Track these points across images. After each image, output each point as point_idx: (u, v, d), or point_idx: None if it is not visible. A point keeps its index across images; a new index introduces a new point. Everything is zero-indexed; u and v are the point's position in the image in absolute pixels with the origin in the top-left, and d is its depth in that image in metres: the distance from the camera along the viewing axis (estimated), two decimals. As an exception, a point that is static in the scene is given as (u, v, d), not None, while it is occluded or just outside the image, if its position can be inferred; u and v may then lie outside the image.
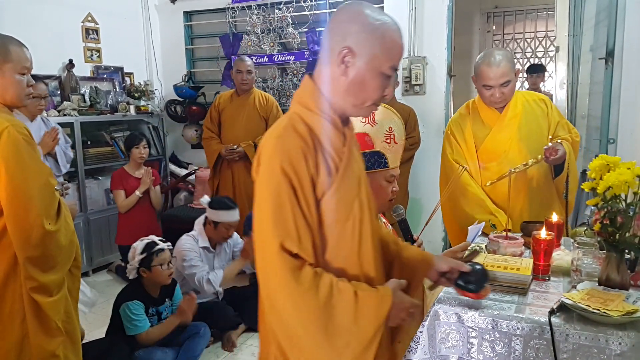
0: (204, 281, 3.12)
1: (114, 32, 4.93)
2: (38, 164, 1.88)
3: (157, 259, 2.80)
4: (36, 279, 1.83)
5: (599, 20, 3.28)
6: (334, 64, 1.21)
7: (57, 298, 1.90)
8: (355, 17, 1.19)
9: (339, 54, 1.19)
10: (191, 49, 5.52)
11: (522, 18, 5.96)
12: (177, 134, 5.51)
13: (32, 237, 1.80)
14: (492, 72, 2.31)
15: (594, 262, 1.59)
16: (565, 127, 2.47)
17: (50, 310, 1.87)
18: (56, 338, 1.91)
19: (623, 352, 1.28)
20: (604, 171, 1.50)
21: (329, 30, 1.23)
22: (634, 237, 1.47)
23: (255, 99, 4.18)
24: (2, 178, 1.76)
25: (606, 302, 1.37)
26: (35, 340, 1.87)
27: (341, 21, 1.21)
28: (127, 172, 4.12)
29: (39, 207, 1.82)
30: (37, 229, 1.81)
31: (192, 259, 3.18)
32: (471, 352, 1.45)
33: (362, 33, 1.18)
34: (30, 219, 1.79)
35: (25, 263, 1.81)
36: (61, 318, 1.93)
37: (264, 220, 1.15)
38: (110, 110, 4.70)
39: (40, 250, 1.83)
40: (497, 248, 1.88)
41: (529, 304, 1.49)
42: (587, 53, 3.59)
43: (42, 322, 1.87)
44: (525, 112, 2.44)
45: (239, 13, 5.06)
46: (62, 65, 4.42)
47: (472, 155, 2.48)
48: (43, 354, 1.89)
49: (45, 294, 1.86)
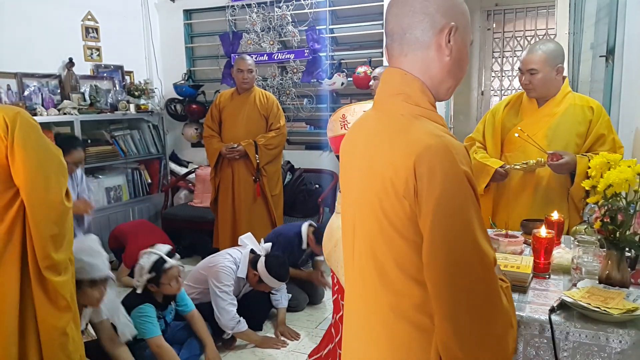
0: (228, 318, 3.03)
1: (114, 30, 4.93)
2: (51, 145, 1.96)
3: (166, 277, 2.74)
4: (52, 257, 1.88)
5: (600, 18, 3.27)
6: (435, 46, 1.09)
7: (66, 277, 1.95)
8: None
9: (442, 32, 1.08)
10: (191, 47, 5.52)
11: (522, 16, 5.95)
12: (177, 132, 5.51)
13: (53, 215, 1.87)
14: (526, 57, 2.36)
15: (595, 260, 1.59)
16: (610, 144, 2.32)
17: (61, 288, 1.92)
18: (66, 313, 1.96)
19: (623, 350, 1.28)
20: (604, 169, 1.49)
21: (414, 13, 1.09)
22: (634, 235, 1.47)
23: (256, 97, 4.18)
24: (19, 160, 1.82)
25: (607, 300, 1.37)
26: (45, 317, 1.91)
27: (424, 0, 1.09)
28: None
29: (57, 185, 1.89)
30: (57, 206, 1.88)
31: (226, 285, 3.07)
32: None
33: (454, 6, 1.10)
34: (50, 197, 1.87)
35: (46, 241, 1.87)
36: (70, 295, 1.98)
37: (471, 233, 1.00)
38: (110, 109, 4.70)
39: (59, 228, 1.90)
40: (497, 246, 1.88)
41: (529, 302, 1.49)
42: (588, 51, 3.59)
43: (51, 299, 1.92)
44: (565, 115, 2.36)
45: (239, 11, 5.06)
46: (62, 64, 4.42)
47: (497, 141, 2.52)
48: (54, 332, 1.93)
49: (55, 272, 1.91)
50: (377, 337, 1.13)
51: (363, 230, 1.13)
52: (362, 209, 1.13)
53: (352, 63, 4.65)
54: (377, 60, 4.51)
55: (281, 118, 4.23)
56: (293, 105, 4.96)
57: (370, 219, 1.09)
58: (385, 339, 1.11)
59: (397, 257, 1.06)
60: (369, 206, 1.09)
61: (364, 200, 1.11)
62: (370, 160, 1.10)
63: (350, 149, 1.21)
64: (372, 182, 1.08)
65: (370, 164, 1.10)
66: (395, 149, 1.04)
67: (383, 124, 1.11)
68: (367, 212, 1.10)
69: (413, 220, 1.01)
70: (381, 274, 1.09)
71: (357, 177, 1.15)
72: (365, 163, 1.12)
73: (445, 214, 0.98)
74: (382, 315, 1.11)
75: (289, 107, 4.93)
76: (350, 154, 1.20)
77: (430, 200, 0.98)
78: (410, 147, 1.01)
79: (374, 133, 1.12)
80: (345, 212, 1.23)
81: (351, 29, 4.72)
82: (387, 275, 1.08)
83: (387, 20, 1.16)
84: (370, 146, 1.11)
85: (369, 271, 1.12)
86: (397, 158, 1.02)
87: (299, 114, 4.97)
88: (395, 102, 1.11)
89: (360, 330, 1.19)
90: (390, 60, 1.17)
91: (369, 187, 1.09)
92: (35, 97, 4.12)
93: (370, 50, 4.66)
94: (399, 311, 1.07)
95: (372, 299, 1.13)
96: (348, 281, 1.24)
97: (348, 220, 1.21)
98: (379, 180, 1.05)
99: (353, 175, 1.18)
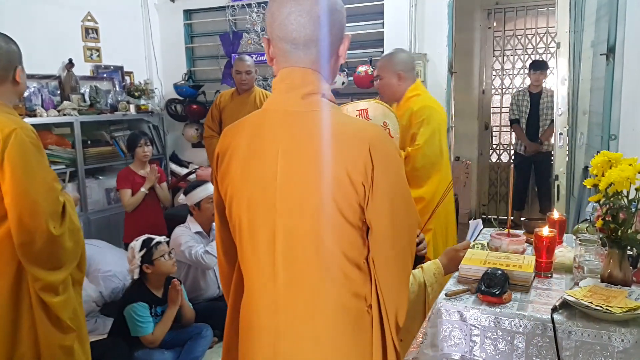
0: (203, 254, 3.14)
1: (113, 31, 4.92)
2: (44, 168, 1.86)
3: (157, 252, 2.83)
4: (41, 279, 1.83)
5: (600, 16, 3.27)
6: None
7: (64, 297, 1.91)
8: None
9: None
10: (191, 47, 5.51)
11: (522, 14, 5.95)
12: (177, 133, 5.50)
13: (37, 241, 1.79)
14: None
15: (597, 259, 1.58)
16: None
17: (59, 309, 1.88)
18: (69, 334, 1.94)
19: (626, 349, 1.28)
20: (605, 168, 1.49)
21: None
22: (636, 233, 1.46)
23: (256, 97, 4.18)
24: (7, 181, 1.76)
25: (609, 299, 1.36)
26: (49, 338, 1.89)
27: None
28: (133, 171, 4.11)
29: (44, 211, 1.80)
30: (41, 233, 1.80)
31: (187, 241, 3.22)
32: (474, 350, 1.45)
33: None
34: (35, 223, 1.78)
35: (29, 265, 1.81)
36: (70, 316, 1.95)
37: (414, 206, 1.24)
38: (110, 110, 4.69)
39: (45, 254, 1.83)
40: (499, 245, 1.87)
41: (531, 301, 1.48)
42: (588, 49, 3.58)
43: (53, 321, 1.89)
44: (402, 119, 2.70)
45: (239, 11, 5.06)
46: (61, 65, 4.41)
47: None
48: (60, 351, 1.92)
49: (51, 292, 1.87)
50: (320, 331, 1.18)
51: (301, 228, 1.15)
52: (301, 206, 1.14)
53: (352, 62, 4.64)
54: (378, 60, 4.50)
55: (281, 118, 4.22)
56: (293, 104, 4.94)
57: (314, 214, 1.13)
58: (330, 330, 1.17)
59: (345, 245, 1.14)
60: (311, 201, 1.12)
61: (304, 196, 1.13)
62: (304, 157, 1.13)
63: (252, 151, 1.18)
64: (315, 177, 1.12)
65: (307, 160, 1.13)
66: (342, 143, 1.11)
67: (310, 122, 1.15)
68: (310, 208, 1.13)
69: (361, 206, 1.12)
70: (326, 268, 1.15)
71: (288, 174, 1.15)
72: (294, 161, 1.14)
73: (402, 194, 1.16)
74: (324, 309, 1.17)
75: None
76: (258, 156, 1.17)
77: (387, 183, 1.11)
78: (362, 138, 1.11)
79: (293, 131, 1.15)
80: (254, 215, 1.19)
81: (351, 28, 4.71)
82: (331, 267, 1.15)
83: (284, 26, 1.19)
84: (302, 145, 1.14)
85: (310, 269, 1.16)
86: (348, 147, 1.10)
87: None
88: (308, 101, 1.18)
89: (290, 329, 1.19)
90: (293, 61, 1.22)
91: (312, 182, 1.12)
92: (35, 98, 4.11)
93: (371, 49, 4.66)
94: (340, 301, 1.17)
95: (310, 296, 1.17)
96: (259, 284, 1.23)
97: (263, 225, 1.18)
98: (330, 174, 1.10)
99: (271, 177, 1.16)
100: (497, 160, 6.32)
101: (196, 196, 3.32)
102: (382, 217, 1.13)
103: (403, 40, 4.40)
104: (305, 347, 1.19)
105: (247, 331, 1.28)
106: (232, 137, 1.23)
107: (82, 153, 4.31)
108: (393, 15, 4.42)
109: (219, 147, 1.25)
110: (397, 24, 4.38)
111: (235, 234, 1.26)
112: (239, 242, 1.25)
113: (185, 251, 3.14)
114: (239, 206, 1.20)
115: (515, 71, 6.13)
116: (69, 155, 4.19)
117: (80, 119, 4.29)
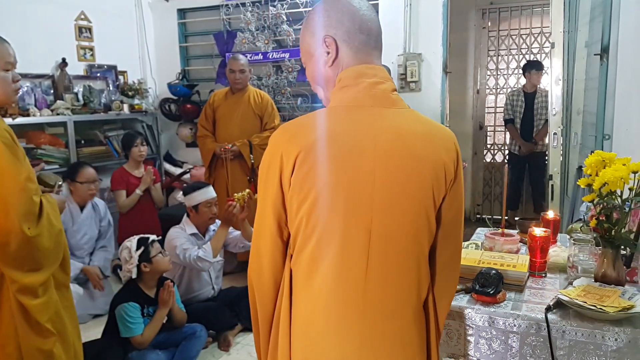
0: (196, 258, 3.10)
1: (107, 30, 4.90)
2: (15, 168, 1.78)
3: (154, 249, 2.83)
4: (18, 281, 1.78)
5: (594, 16, 3.28)
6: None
7: (44, 300, 1.85)
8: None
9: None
10: (185, 46, 5.49)
11: (517, 14, 5.96)
12: (171, 132, 5.48)
13: (11, 243, 1.74)
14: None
15: (590, 259, 1.59)
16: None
17: (37, 312, 1.82)
18: (49, 338, 1.88)
19: (619, 348, 1.28)
20: (599, 167, 1.49)
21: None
22: (629, 233, 1.47)
23: (250, 97, 4.16)
24: None
25: (602, 298, 1.37)
26: (28, 342, 1.83)
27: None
28: (127, 172, 4.11)
29: (17, 212, 1.74)
30: (15, 234, 1.74)
31: (183, 243, 3.18)
32: (468, 349, 1.45)
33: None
34: (7, 224, 1.72)
35: (5, 267, 1.77)
36: (51, 318, 1.89)
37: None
38: (104, 109, 4.67)
39: (20, 255, 1.77)
40: (494, 245, 1.87)
41: (525, 300, 1.48)
42: (583, 49, 3.59)
43: (32, 324, 1.83)
44: None
45: (233, 10, 5.04)
46: (55, 64, 4.39)
47: None
48: (39, 354, 1.86)
49: (29, 295, 1.81)
50: (404, 330, 1.18)
51: (400, 226, 1.14)
52: (401, 204, 1.13)
53: (347, 62, 4.63)
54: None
55: (276, 117, 4.22)
56: (288, 104, 4.94)
57: (417, 209, 1.15)
58: (411, 328, 1.19)
59: (431, 241, 1.20)
60: (413, 199, 1.14)
61: (405, 194, 1.14)
62: (404, 155, 1.14)
63: (345, 151, 1.14)
64: (417, 174, 1.14)
65: (407, 157, 1.14)
66: (436, 140, 1.17)
67: (402, 118, 1.17)
68: (412, 206, 1.14)
69: (443, 199, 1.18)
70: (417, 266, 1.18)
71: (386, 173, 1.13)
72: (393, 159, 1.13)
73: (462, 191, 1.23)
74: (408, 308, 1.18)
75: (284, 106, 4.92)
76: (352, 155, 1.14)
77: (460, 182, 1.20)
78: (447, 136, 1.19)
79: (390, 128, 1.15)
80: (351, 214, 1.14)
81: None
82: (421, 265, 1.18)
83: (371, 21, 1.22)
84: (400, 141, 1.14)
85: (403, 268, 1.16)
86: (443, 147, 1.16)
87: (294, 114, 4.95)
88: (395, 98, 1.19)
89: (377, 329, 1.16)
90: (369, 58, 1.22)
91: (413, 180, 1.14)
92: (28, 98, 4.09)
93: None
94: (419, 299, 1.20)
95: (399, 296, 1.16)
96: (344, 287, 1.16)
97: (357, 225, 1.14)
98: (429, 170, 1.14)
99: (369, 176, 1.13)
100: (492, 160, 6.33)
101: (195, 199, 3.29)
102: (457, 210, 1.21)
103: (398, 39, 4.40)
104: (389, 347, 1.17)
105: (316, 338, 1.18)
106: (306, 137, 1.14)
107: (75, 153, 4.29)
108: (387, 15, 4.42)
109: (290, 148, 1.13)
110: (392, 23, 4.38)
111: (309, 238, 1.15)
112: (315, 247, 1.15)
113: (180, 254, 3.12)
114: (328, 208, 1.13)
115: (509, 71, 6.14)
116: (62, 155, 4.17)
117: (74, 118, 4.27)
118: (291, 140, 1.15)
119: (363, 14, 1.19)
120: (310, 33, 1.23)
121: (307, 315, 1.19)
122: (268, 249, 1.21)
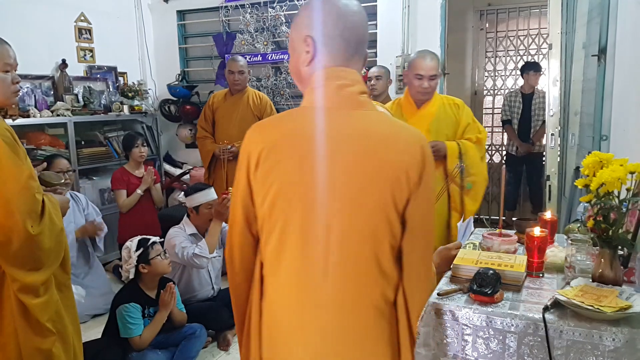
0: (192, 255, 3.11)
1: (107, 31, 4.91)
2: (17, 166, 1.78)
3: (154, 251, 2.83)
4: (19, 279, 1.78)
5: (592, 18, 3.29)
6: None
7: (44, 299, 1.85)
8: None
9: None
10: (185, 48, 5.50)
11: (515, 15, 5.97)
12: (171, 133, 5.49)
13: (14, 241, 1.74)
14: (427, 64, 2.74)
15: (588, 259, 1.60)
16: (475, 129, 2.93)
17: (38, 312, 1.82)
18: (48, 338, 1.88)
19: (617, 348, 1.29)
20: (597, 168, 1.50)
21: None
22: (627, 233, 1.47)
23: (249, 98, 4.17)
24: None
25: (600, 298, 1.37)
26: (27, 341, 1.83)
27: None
28: (128, 172, 4.12)
29: (20, 210, 1.74)
30: (18, 232, 1.74)
31: (182, 241, 3.19)
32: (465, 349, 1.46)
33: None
34: (10, 222, 1.72)
35: (7, 266, 1.77)
36: (52, 318, 1.90)
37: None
38: (104, 110, 4.68)
39: (22, 254, 1.77)
40: (491, 245, 1.88)
41: (522, 300, 1.49)
42: (580, 50, 3.60)
43: (32, 324, 1.83)
44: (439, 113, 2.88)
45: (233, 12, 5.06)
46: (55, 66, 4.40)
47: None
48: (38, 353, 1.87)
49: (30, 294, 1.81)
50: (363, 327, 1.21)
51: (359, 225, 1.17)
52: (360, 203, 1.16)
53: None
54: (371, 60, 4.52)
55: (275, 118, 4.22)
56: (287, 105, 4.95)
57: (373, 211, 1.16)
58: (371, 326, 1.21)
59: (392, 242, 1.19)
60: (371, 199, 1.16)
61: (364, 194, 1.16)
62: (365, 155, 1.16)
63: (306, 149, 1.18)
64: (376, 174, 1.15)
65: (368, 158, 1.16)
66: (399, 143, 1.17)
67: (367, 120, 1.20)
68: (369, 205, 1.16)
69: (408, 201, 1.18)
70: (377, 264, 1.19)
71: (346, 172, 1.16)
72: (354, 159, 1.16)
73: (431, 195, 1.24)
74: (369, 305, 1.20)
75: (283, 107, 4.93)
76: (313, 154, 1.17)
77: (427, 186, 1.19)
78: (415, 140, 1.18)
79: (353, 129, 1.18)
80: (310, 210, 1.18)
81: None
82: (382, 263, 1.19)
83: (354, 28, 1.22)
84: (363, 142, 1.17)
85: (363, 265, 1.18)
86: (406, 151, 1.17)
87: (293, 115, 4.96)
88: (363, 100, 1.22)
89: (337, 325, 1.20)
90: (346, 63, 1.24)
91: (373, 180, 1.15)
92: (29, 99, 4.10)
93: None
94: (383, 297, 1.21)
95: (358, 292, 1.19)
96: (304, 282, 1.21)
97: (317, 222, 1.18)
98: (389, 171, 1.15)
99: (330, 174, 1.17)
100: (489, 161, 6.34)
101: (196, 200, 3.30)
102: (423, 213, 1.21)
103: (396, 41, 4.41)
104: (352, 342, 1.21)
105: (281, 329, 1.24)
106: (271, 134, 1.20)
107: (75, 153, 4.30)
108: (386, 17, 4.43)
109: (256, 145, 1.19)
110: (390, 25, 4.40)
111: (272, 232, 1.21)
112: (277, 241, 1.20)
113: (178, 252, 3.13)
114: (288, 203, 1.17)
115: (507, 72, 6.15)
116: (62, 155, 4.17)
117: (74, 119, 4.28)
118: (258, 137, 1.21)
119: (348, 20, 1.20)
120: (296, 29, 1.26)
121: (273, 307, 1.25)
122: (237, 243, 1.29)
